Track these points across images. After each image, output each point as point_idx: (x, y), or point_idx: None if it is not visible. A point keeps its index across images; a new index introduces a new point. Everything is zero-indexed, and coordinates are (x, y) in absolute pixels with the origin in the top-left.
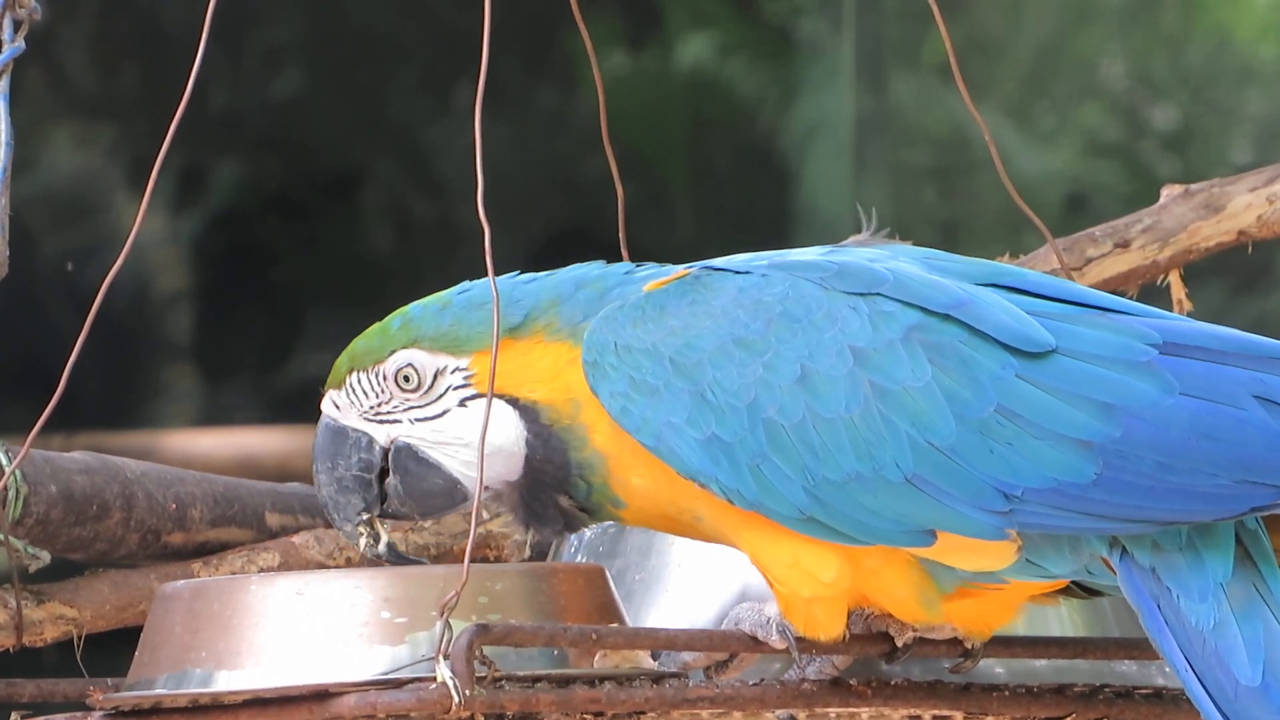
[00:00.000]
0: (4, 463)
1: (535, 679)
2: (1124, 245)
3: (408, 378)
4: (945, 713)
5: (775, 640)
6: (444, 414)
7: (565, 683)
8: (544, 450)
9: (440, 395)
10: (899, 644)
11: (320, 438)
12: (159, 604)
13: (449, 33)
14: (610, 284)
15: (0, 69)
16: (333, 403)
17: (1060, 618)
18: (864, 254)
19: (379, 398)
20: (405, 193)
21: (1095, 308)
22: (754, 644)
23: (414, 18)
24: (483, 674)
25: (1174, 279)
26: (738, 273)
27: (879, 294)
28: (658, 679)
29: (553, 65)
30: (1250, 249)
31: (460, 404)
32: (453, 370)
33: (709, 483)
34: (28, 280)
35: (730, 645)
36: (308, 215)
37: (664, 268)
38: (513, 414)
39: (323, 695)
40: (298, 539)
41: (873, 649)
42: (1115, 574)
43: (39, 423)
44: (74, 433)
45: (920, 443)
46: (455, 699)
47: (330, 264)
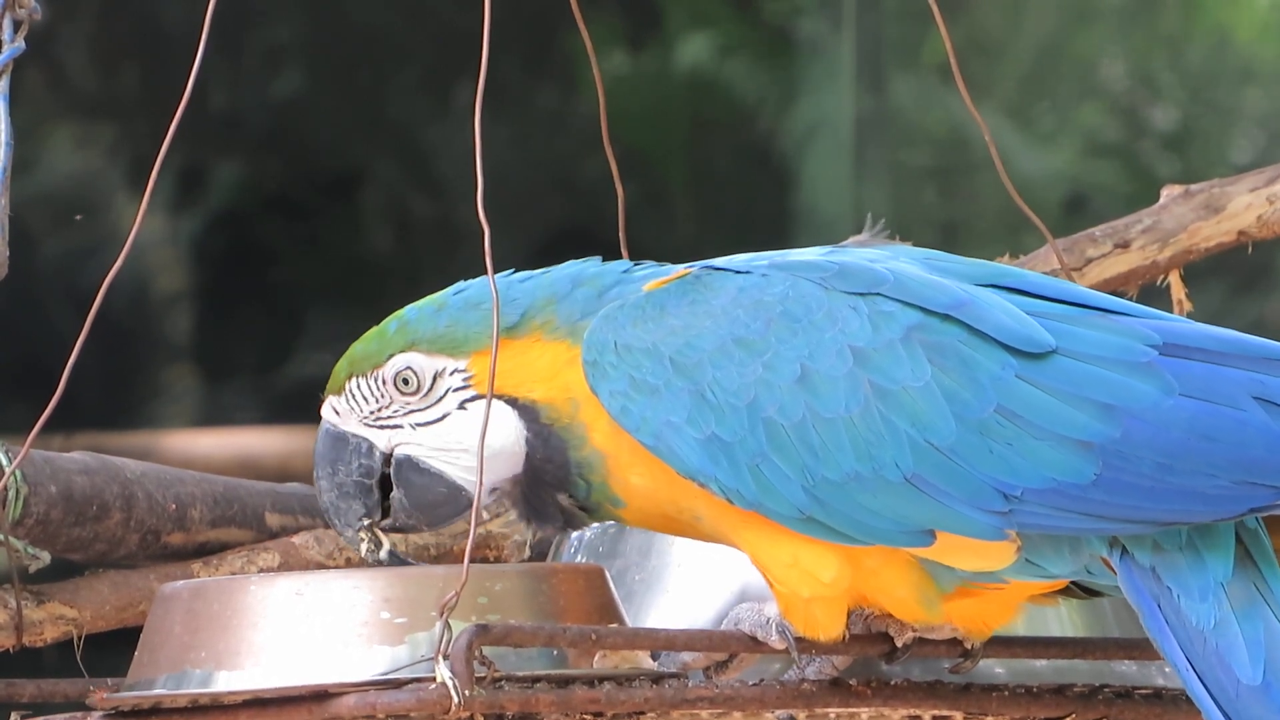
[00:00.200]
0: (4, 463)
1: (535, 679)
2: (1124, 245)
3: (407, 380)
4: (945, 713)
5: (775, 640)
6: (444, 418)
7: (565, 683)
8: (544, 449)
9: (440, 398)
10: (899, 644)
11: (320, 444)
12: (159, 604)
13: (449, 33)
14: (608, 282)
15: (0, 69)
16: (332, 408)
17: (1060, 618)
18: (864, 254)
19: (379, 402)
20: (405, 193)
21: (1095, 309)
22: (754, 644)
23: (414, 18)
24: (482, 674)
25: (1174, 279)
26: (738, 272)
27: (879, 294)
28: (657, 679)
29: (553, 65)
30: (1250, 249)
31: (460, 406)
32: (451, 372)
33: (708, 482)
34: (28, 280)
35: (730, 645)
36: (308, 215)
37: (663, 266)
38: (512, 414)
39: (322, 695)
40: (298, 539)
41: (872, 649)
42: (1115, 574)
43: (39, 423)
44: (74, 433)
45: (920, 443)
46: (455, 699)
47: (330, 264)
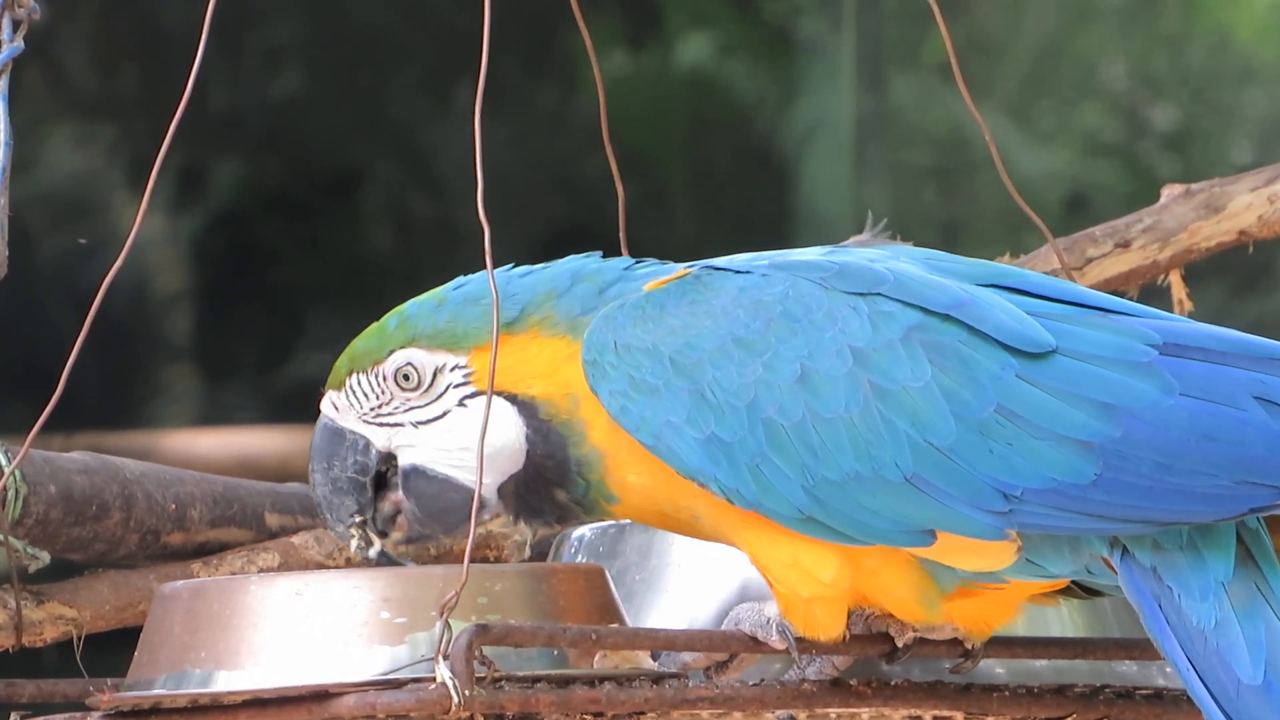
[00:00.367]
0: (4, 463)
1: (535, 679)
2: (1124, 245)
3: (407, 376)
4: (945, 713)
5: (775, 640)
6: (444, 415)
7: (565, 683)
8: (545, 446)
9: (440, 394)
10: (899, 644)
11: (318, 438)
12: (158, 604)
13: (449, 33)
14: (608, 278)
15: None
16: (332, 404)
17: (1060, 618)
18: (865, 254)
19: (379, 399)
20: (405, 193)
21: (1095, 308)
22: (754, 644)
23: (414, 18)
24: (482, 674)
25: (1174, 279)
26: (738, 272)
27: (879, 294)
28: (657, 679)
29: (553, 65)
30: (1250, 249)
31: (460, 403)
32: (452, 368)
33: (708, 482)
34: (28, 280)
35: (730, 646)
36: (308, 215)
37: (663, 264)
38: (512, 410)
39: (322, 695)
40: (297, 539)
41: (873, 649)
42: (1116, 574)
43: (39, 423)
44: (74, 433)
45: (920, 443)
46: (455, 699)
47: (330, 264)
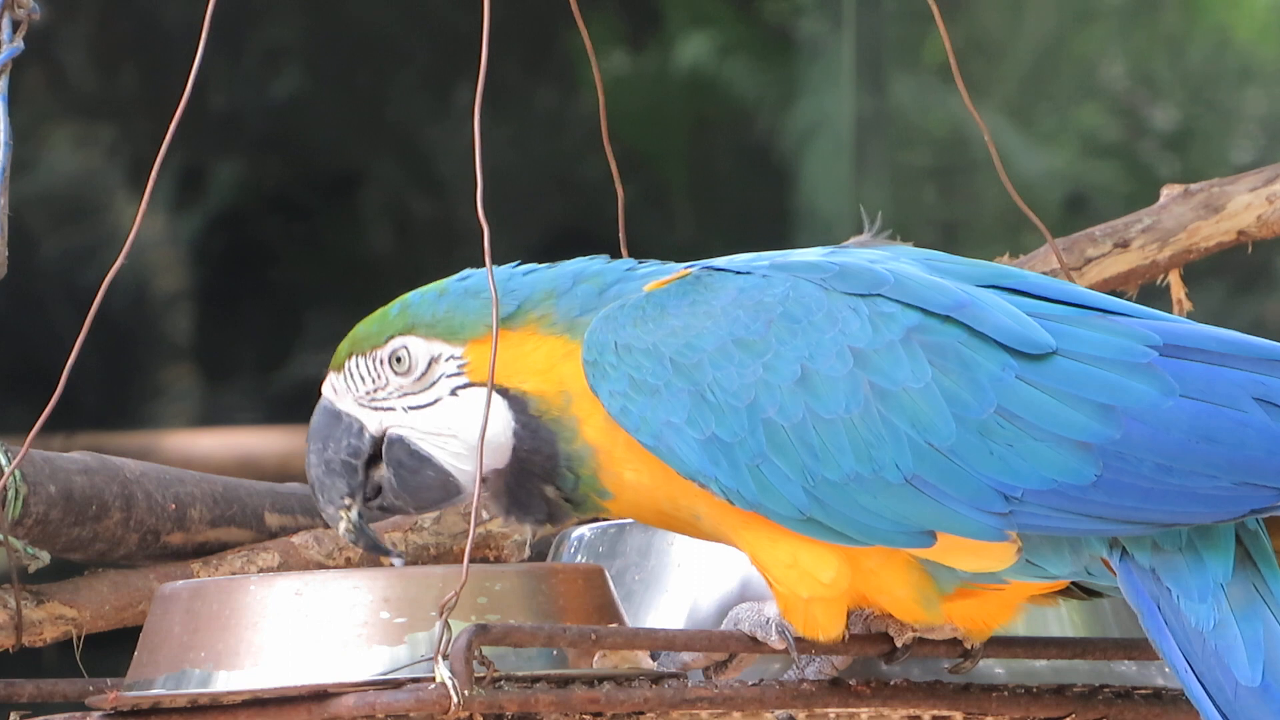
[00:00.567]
0: (4, 463)
1: (534, 679)
2: (1124, 245)
3: (401, 361)
4: (945, 713)
5: (774, 640)
6: (436, 402)
7: (564, 683)
8: (532, 441)
9: (434, 383)
10: (898, 644)
11: (316, 418)
12: (158, 604)
13: (449, 33)
14: (610, 279)
15: None
16: (332, 386)
17: (1060, 618)
18: (865, 255)
19: (375, 383)
20: (405, 193)
21: (1095, 309)
22: (753, 644)
23: (414, 18)
24: (481, 674)
25: (1174, 279)
26: (738, 273)
27: (879, 295)
28: (657, 679)
29: (553, 65)
30: (1250, 249)
31: (452, 393)
32: (447, 358)
33: (708, 483)
34: (28, 280)
35: (729, 646)
36: (308, 215)
37: (665, 265)
38: (501, 404)
39: (322, 695)
40: (297, 539)
41: (872, 649)
42: (1115, 575)
43: (39, 423)
44: (74, 433)
45: (920, 444)
46: (454, 699)
47: (330, 264)
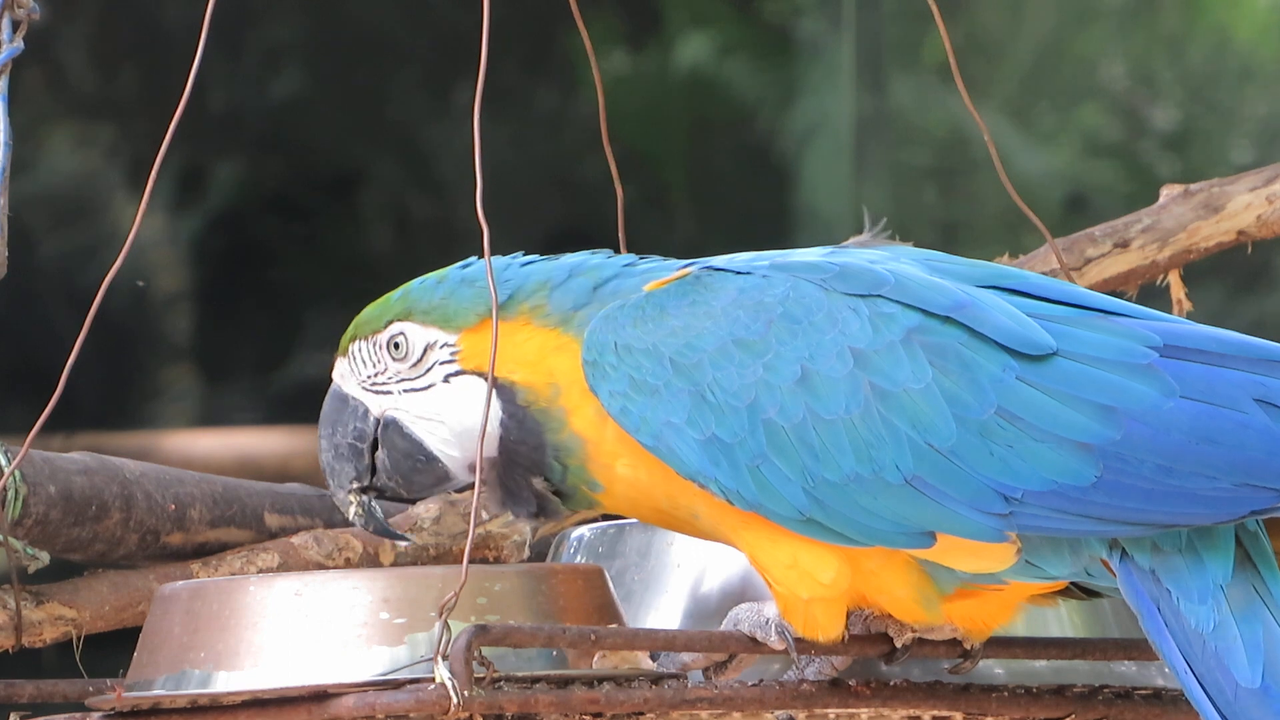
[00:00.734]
0: (4, 463)
1: (534, 680)
2: (1124, 245)
3: (398, 346)
4: (944, 713)
5: (774, 641)
6: (429, 388)
7: (564, 683)
8: (518, 431)
9: (428, 369)
10: (898, 645)
11: (326, 403)
12: (158, 605)
13: (449, 33)
14: (606, 274)
15: None
16: (339, 370)
17: (1060, 618)
18: (865, 255)
19: (375, 368)
20: (405, 193)
21: (1096, 310)
22: (753, 645)
23: (414, 18)
24: (481, 675)
25: (1174, 279)
26: (738, 273)
27: (880, 296)
28: (656, 680)
29: (553, 65)
30: (1250, 249)
31: (445, 380)
32: (441, 345)
33: (708, 483)
34: (28, 280)
35: (729, 646)
36: (308, 215)
37: (665, 262)
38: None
39: (321, 696)
40: (297, 539)
41: (872, 650)
42: (1115, 576)
43: (39, 423)
44: (74, 433)
45: (920, 444)
46: (454, 700)
47: (330, 264)
